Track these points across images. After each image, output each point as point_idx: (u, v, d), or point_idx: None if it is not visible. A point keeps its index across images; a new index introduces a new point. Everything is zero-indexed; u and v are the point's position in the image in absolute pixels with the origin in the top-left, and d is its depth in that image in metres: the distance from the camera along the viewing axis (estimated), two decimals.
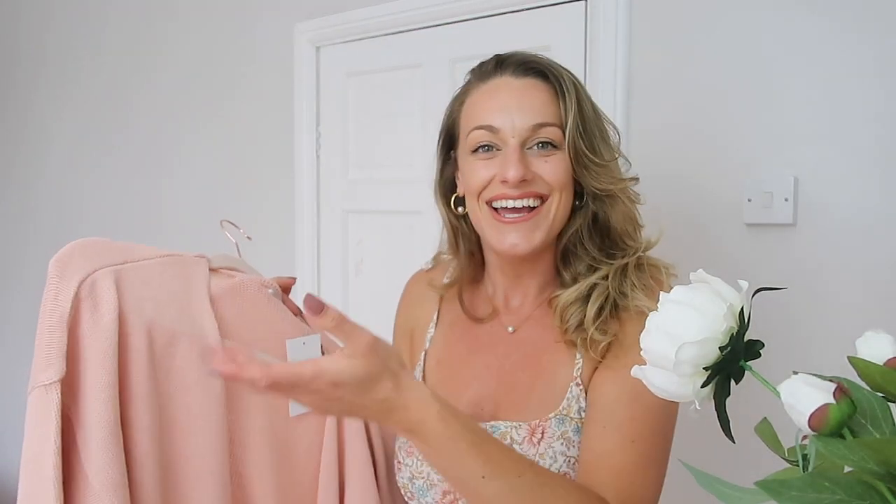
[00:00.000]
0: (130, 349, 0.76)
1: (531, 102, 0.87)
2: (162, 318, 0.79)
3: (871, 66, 1.26)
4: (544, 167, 0.87)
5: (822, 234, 1.31)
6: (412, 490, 0.93)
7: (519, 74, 0.89)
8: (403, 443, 0.96)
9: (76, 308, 0.72)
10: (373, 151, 2.00)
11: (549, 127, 0.87)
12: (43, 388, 0.70)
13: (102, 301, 0.74)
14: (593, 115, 0.90)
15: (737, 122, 1.38)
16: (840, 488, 0.39)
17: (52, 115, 2.88)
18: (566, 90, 0.87)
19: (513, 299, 0.97)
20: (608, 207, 0.90)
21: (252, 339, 0.88)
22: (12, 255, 3.09)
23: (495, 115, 0.88)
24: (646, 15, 1.48)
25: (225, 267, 0.91)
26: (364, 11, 1.93)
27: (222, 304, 0.86)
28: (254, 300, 0.89)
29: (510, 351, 0.95)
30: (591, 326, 0.86)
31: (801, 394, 0.42)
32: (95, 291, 0.74)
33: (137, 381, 0.77)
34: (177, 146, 2.45)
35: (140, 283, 0.79)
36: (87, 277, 0.74)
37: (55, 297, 0.72)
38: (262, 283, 0.91)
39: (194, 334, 0.82)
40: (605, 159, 0.88)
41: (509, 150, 0.86)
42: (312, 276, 2.10)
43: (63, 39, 2.83)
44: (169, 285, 0.81)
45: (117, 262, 0.78)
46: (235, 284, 0.88)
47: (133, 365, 0.76)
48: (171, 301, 0.81)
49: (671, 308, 0.49)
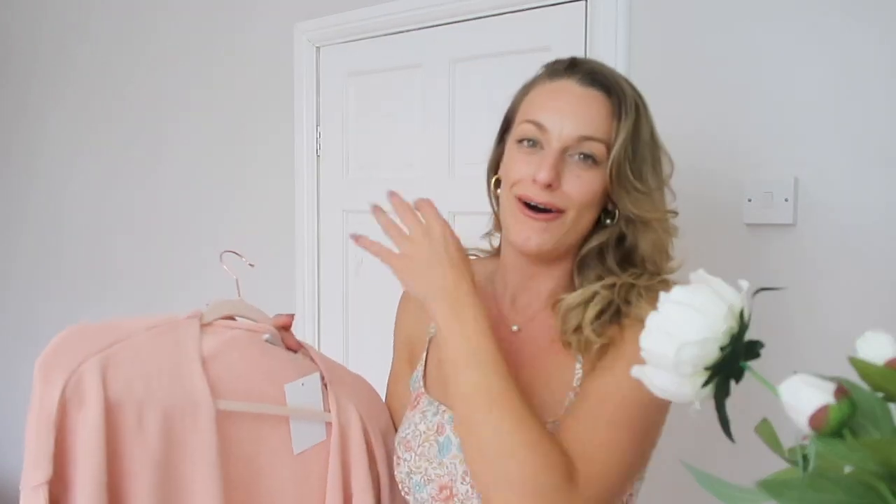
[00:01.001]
0: (124, 432, 0.79)
1: (586, 113, 0.87)
2: (153, 394, 0.82)
3: (872, 65, 1.26)
4: (574, 181, 0.87)
5: (822, 234, 1.31)
6: (409, 485, 0.94)
7: (585, 83, 0.89)
8: (402, 438, 0.96)
9: (62, 407, 0.75)
10: (373, 151, 2.00)
11: (594, 142, 0.87)
12: (32, 489, 0.73)
13: (88, 397, 0.77)
14: (650, 141, 0.89)
15: (737, 122, 1.38)
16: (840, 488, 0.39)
17: (48, 114, 2.88)
18: (625, 110, 0.87)
19: (521, 298, 0.98)
20: (639, 233, 0.90)
21: (248, 391, 0.90)
22: (5, 252, 3.08)
23: (548, 114, 0.89)
24: (646, 15, 1.48)
25: (221, 316, 0.92)
26: (364, 11, 1.93)
27: (215, 363, 0.88)
28: (247, 353, 0.91)
29: (513, 351, 0.95)
30: (587, 327, 0.86)
31: (801, 394, 0.42)
32: (81, 388, 0.77)
33: (137, 462, 0.80)
34: (176, 146, 2.45)
35: (129, 362, 0.81)
36: (72, 375, 0.77)
37: (40, 400, 0.75)
38: (255, 330, 0.92)
39: (186, 403, 0.84)
40: (650, 187, 0.88)
41: (549, 152, 0.87)
42: (312, 276, 2.10)
43: (59, 39, 2.83)
44: (159, 357, 0.84)
45: (104, 346, 0.80)
46: (227, 341, 0.90)
47: (129, 448, 0.79)
48: (161, 373, 0.83)
49: (671, 308, 0.49)
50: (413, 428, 0.95)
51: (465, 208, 1.45)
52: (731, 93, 1.39)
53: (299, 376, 0.94)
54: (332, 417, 0.97)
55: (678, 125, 1.44)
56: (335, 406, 0.97)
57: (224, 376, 0.88)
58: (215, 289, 0.97)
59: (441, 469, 0.91)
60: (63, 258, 2.86)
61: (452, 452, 0.90)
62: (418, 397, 0.99)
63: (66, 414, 0.76)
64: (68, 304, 2.84)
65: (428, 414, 0.95)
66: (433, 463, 0.92)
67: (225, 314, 0.93)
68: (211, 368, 0.87)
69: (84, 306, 2.77)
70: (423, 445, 0.93)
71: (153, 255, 2.54)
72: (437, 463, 0.91)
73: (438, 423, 0.93)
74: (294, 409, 0.93)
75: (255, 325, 0.93)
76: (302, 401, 0.94)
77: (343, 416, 0.98)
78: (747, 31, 1.37)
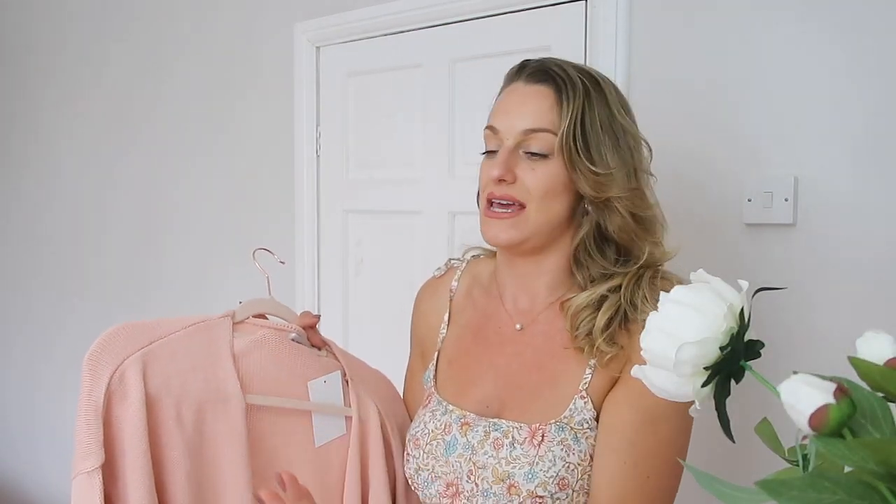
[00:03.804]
0: (162, 424, 0.85)
1: (530, 108, 0.90)
2: (188, 389, 0.88)
3: (872, 65, 1.26)
4: (529, 174, 0.89)
5: (822, 234, 1.31)
6: (418, 482, 0.96)
7: (530, 81, 0.92)
8: (412, 435, 0.98)
9: (108, 400, 0.82)
10: (373, 151, 2.00)
11: (540, 132, 0.89)
12: (86, 474, 0.78)
13: (130, 390, 0.83)
14: (607, 122, 0.90)
15: (737, 122, 1.38)
16: (840, 488, 0.39)
17: (56, 120, 2.88)
18: (569, 96, 0.88)
19: (522, 299, 0.99)
20: (606, 216, 0.90)
21: (276, 387, 0.96)
22: (27, 258, 3.07)
23: (499, 117, 0.93)
24: (646, 15, 1.48)
25: (252, 315, 0.98)
26: (364, 11, 1.92)
27: (246, 360, 0.94)
28: (275, 351, 0.97)
29: (518, 350, 0.96)
30: (599, 337, 0.87)
31: (801, 394, 0.42)
32: (124, 381, 0.83)
33: (173, 453, 0.85)
34: (176, 145, 2.45)
35: (167, 359, 0.87)
36: (117, 370, 0.83)
37: (89, 393, 0.81)
38: (283, 329, 0.98)
39: (219, 397, 0.90)
40: (609, 167, 0.88)
41: (501, 150, 0.91)
42: (312, 276, 2.10)
43: (69, 42, 2.83)
44: (194, 355, 0.90)
45: (144, 344, 0.87)
46: (257, 339, 0.96)
47: (166, 438, 0.85)
48: (196, 370, 0.89)
49: (671, 308, 0.49)
50: (422, 426, 0.97)
51: (465, 208, 1.45)
52: (730, 92, 1.39)
53: (323, 373, 1.01)
54: (353, 412, 1.02)
55: (678, 125, 1.45)
56: (355, 402, 1.02)
57: (253, 373, 0.94)
58: (216, 288, 0.97)
59: (447, 467, 0.93)
60: (48, 264, 2.86)
61: (458, 451, 0.92)
62: (429, 396, 1.01)
63: (111, 406, 0.81)
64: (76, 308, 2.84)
65: (437, 413, 0.97)
66: (440, 461, 0.93)
67: (256, 312, 0.99)
68: (241, 365, 0.93)
69: (76, 309, 2.77)
70: (430, 444, 0.95)
71: (153, 254, 2.54)
72: (443, 461, 0.93)
73: (446, 423, 0.95)
74: (317, 405, 0.99)
75: (283, 324, 0.99)
76: (324, 397, 1.00)
77: (363, 412, 1.02)
78: (747, 31, 1.37)
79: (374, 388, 1.06)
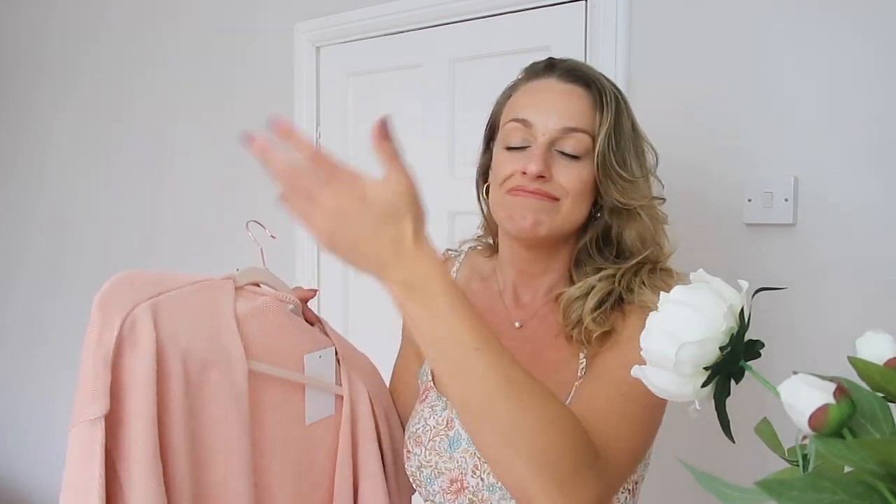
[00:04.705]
0: (167, 379, 0.80)
1: (568, 107, 0.89)
2: (195, 346, 0.83)
3: (871, 65, 1.26)
4: (564, 171, 0.89)
5: (822, 234, 1.31)
6: (420, 479, 0.95)
7: (564, 80, 0.91)
8: (413, 433, 0.97)
9: (119, 346, 0.76)
10: (372, 151, 1.99)
11: (579, 133, 0.88)
12: (88, 422, 0.73)
13: (141, 337, 0.78)
14: (631, 132, 0.91)
15: (737, 123, 1.38)
16: (840, 488, 0.39)
17: (52, 115, 2.88)
18: (606, 102, 0.89)
19: (523, 295, 0.99)
20: (624, 222, 0.91)
21: (275, 356, 0.92)
22: (11, 255, 3.08)
23: (532, 111, 0.91)
24: (646, 15, 1.49)
25: (250, 282, 0.95)
26: (364, 11, 1.93)
27: (247, 325, 0.90)
28: (276, 319, 0.93)
29: (516, 347, 0.96)
30: (587, 317, 0.87)
31: (801, 394, 0.42)
32: (135, 328, 0.78)
33: (174, 410, 0.80)
34: (176, 145, 2.45)
35: (174, 313, 0.83)
36: (128, 315, 0.78)
37: (99, 336, 0.76)
38: (282, 299, 0.95)
39: (223, 359, 0.86)
40: (635, 175, 0.90)
41: (537, 145, 0.89)
42: (312, 276, 2.10)
43: (63, 39, 2.83)
44: (200, 313, 0.86)
45: (153, 294, 0.82)
46: (259, 306, 0.92)
47: (170, 394, 0.80)
48: (201, 328, 0.85)
49: (671, 308, 0.49)
50: (423, 423, 0.97)
51: (465, 208, 1.44)
52: (730, 92, 1.39)
53: (317, 349, 0.97)
54: (344, 392, 1.00)
55: (678, 125, 1.45)
56: (346, 381, 1.00)
57: (254, 338, 0.90)
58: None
59: (451, 463, 0.92)
60: (68, 260, 2.86)
61: (462, 447, 0.92)
62: (426, 391, 1.00)
63: (122, 353, 0.77)
64: (67, 306, 2.84)
65: (437, 409, 0.96)
66: (444, 457, 0.93)
67: (254, 280, 0.96)
68: (243, 329, 0.89)
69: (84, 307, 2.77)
70: (433, 440, 0.94)
71: (152, 255, 2.54)
72: (447, 457, 0.93)
73: (448, 419, 0.95)
74: (314, 380, 0.96)
75: (282, 294, 0.96)
76: (318, 373, 0.97)
77: (354, 392, 1.00)
78: (747, 31, 1.37)
79: (362, 370, 1.04)
